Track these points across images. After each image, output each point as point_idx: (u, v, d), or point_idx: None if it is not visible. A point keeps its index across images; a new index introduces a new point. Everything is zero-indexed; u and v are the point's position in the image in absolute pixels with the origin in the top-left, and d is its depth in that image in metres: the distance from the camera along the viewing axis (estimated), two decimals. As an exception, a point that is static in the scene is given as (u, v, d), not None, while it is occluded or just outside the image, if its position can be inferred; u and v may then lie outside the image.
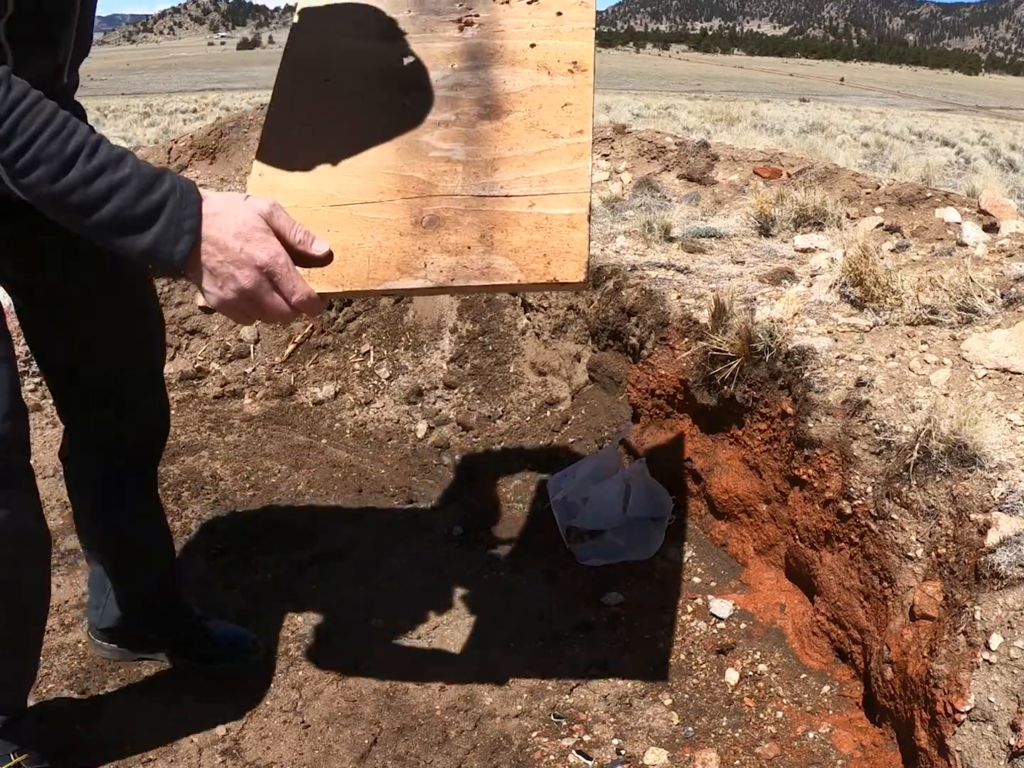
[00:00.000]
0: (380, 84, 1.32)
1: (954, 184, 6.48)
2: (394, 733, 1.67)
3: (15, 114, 0.95)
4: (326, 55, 1.37)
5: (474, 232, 1.20)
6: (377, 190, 1.23)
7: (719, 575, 2.17)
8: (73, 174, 0.97)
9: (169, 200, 1.00)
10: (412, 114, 1.29)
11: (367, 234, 1.20)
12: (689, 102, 25.30)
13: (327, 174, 1.25)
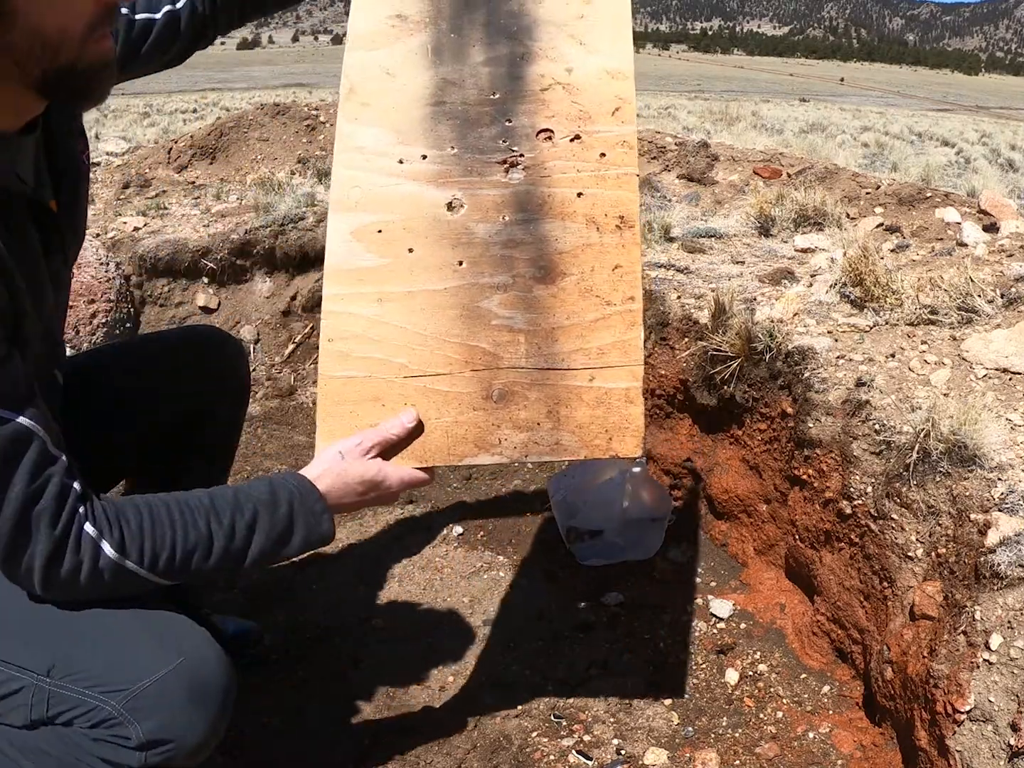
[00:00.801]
0: (436, 240, 1.31)
1: (954, 184, 6.48)
2: (394, 733, 1.67)
3: (148, 543, 1.05)
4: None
5: (541, 408, 1.29)
6: (446, 361, 1.29)
7: (719, 575, 2.17)
8: (215, 559, 1.10)
9: (295, 510, 1.16)
10: (470, 275, 1.30)
11: (443, 409, 1.29)
12: (689, 102, 25.31)
13: (396, 342, 1.29)
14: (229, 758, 1.61)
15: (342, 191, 1.32)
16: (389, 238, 1.31)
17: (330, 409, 1.30)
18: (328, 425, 1.31)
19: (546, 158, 1.33)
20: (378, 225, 1.31)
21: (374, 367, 1.29)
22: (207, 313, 3.21)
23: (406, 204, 1.32)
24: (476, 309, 1.30)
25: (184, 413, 1.54)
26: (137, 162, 4.18)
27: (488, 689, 1.78)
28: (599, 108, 1.33)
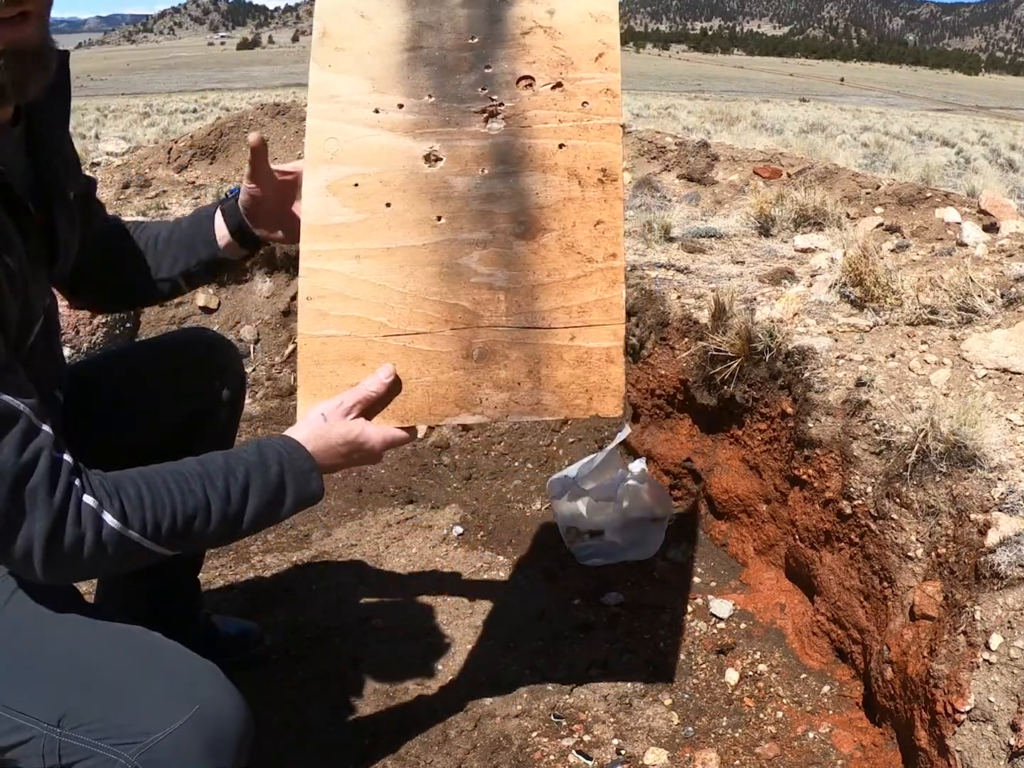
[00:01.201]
0: (414, 194, 1.28)
1: (954, 184, 6.48)
2: (394, 733, 1.67)
3: (150, 513, 1.04)
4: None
5: (522, 367, 1.28)
6: (426, 319, 1.27)
7: (719, 575, 2.17)
8: (212, 532, 1.10)
9: (285, 470, 1.16)
10: (449, 231, 1.28)
11: (423, 368, 1.27)
12: (689, 102, 25.30)
13: (375, 300, 1.27)
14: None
15: (317, 143, 1.28)
16: (366, 192, 1.28)
17: (311, 369, 1.27)
18: (309, 386, 1.28)
19: (526, 107, 1.29)
20: (354, 178, 1.28)
21: (353, 325, 1.27)
22: (207, 313, 3.20)
23: (383, 156, 1.28)
24: (455, 266, 1.27)
25: (184, 415, 1.55)
26: (137, 162, 4.18)
27: (488, 689, 1.78)
28: (582, 54, 1.29)
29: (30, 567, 0.99)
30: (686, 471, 2.39)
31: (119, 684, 1.03)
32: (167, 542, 1.06)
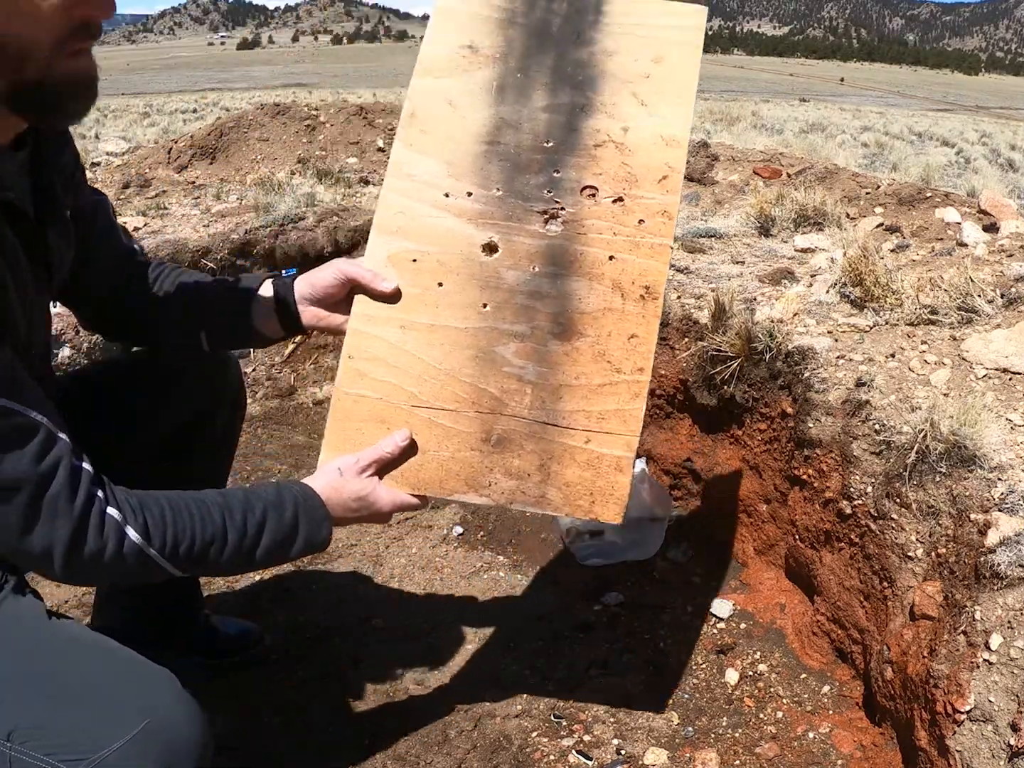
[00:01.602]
0: (466, 279, 1.34)
1: (954, 184, 6.48)
2: (394, 733, 1.67)
3: (171, 532, 1.08)
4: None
5: (535, 460, 1.33)
6: (454, 398, 1.33)
7: (719, 575, 2.17)
8: (228, 553, 1.14)
9: (300, 514, 1.21)
10: (491, 319, 1.33)
11: (443, 443, 1.33)
12: (689, 102, 25.25)
13: (411, 370, 1.33)
14: (229, 758, 1.61)
15: (387, 215, 1.35)
16: (422, 268, 1.34)
17: (339, 424, 1.34)
18: (334, 438, 1.34)
19: (586, 216, 1.34)
20: (414, 254, 1.34)
21: (386, 390, 1.32)
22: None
23: (445, 238, 1.34)
24: (492, 353, 1.33)
25: (184, 418, 1.55)
26: (137, 162, 4.18)
27: (488, 689, 1.78)
28: (647, 173, 1.35)
29: (49, 567, 1.01)
30: (686, 471, 2.38)
31: (68, 694, 1.00)
32: (183, 564, 1.09)
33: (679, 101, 1.36)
